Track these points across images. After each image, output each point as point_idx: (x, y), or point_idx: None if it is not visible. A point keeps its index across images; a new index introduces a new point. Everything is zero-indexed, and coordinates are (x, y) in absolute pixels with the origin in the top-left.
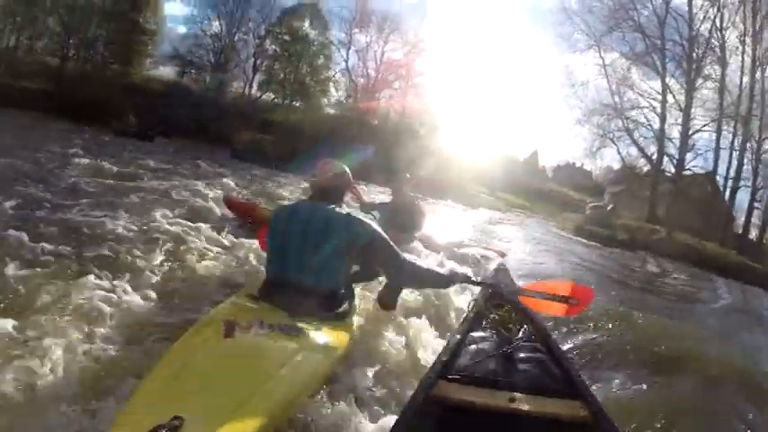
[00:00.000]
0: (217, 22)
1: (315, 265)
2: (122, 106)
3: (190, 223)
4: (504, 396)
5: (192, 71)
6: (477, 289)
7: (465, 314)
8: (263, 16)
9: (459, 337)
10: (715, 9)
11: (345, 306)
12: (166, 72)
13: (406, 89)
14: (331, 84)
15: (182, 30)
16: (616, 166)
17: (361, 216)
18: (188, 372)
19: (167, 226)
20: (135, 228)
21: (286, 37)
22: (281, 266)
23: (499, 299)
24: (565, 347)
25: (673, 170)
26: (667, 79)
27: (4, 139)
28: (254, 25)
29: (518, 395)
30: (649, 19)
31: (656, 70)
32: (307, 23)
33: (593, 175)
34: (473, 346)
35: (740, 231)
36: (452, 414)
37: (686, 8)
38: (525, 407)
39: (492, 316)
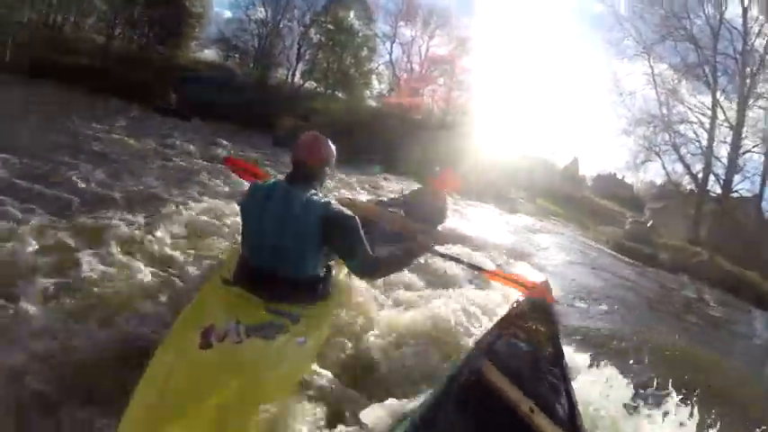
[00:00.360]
0: (262, 8)
1: (291, 254)
2: (164, 86)
3: (202, 197)
4: (528, 403)
5: (236, 56)
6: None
7: (509, 309)
8: (308, 4)
9: (500, 328)
10: None
11: (323, 290)
12: (210, 55)
13: (450, 85)
14: (374, 76)
15: (227, 14)
16: (658, 181)
17: (341, 207)
18: (168, 393)
19: (179, 198)
20: (142, 196)
21: (331, 26)
22: (256, 253)
23: (539, 311)
24: (590, 367)
25: (719, 191)
26: (718, 95)
27: (46, 110)
28: (300, 13)
29: (536, 409)
30: (702, 30)
31: (707, 84)
32: (352, 14)
33: (634, 188)
34: (512, 341)
35: None
36: (487, 395)
37: (740, 20)
38: (541, 425)
39: (530, 324)
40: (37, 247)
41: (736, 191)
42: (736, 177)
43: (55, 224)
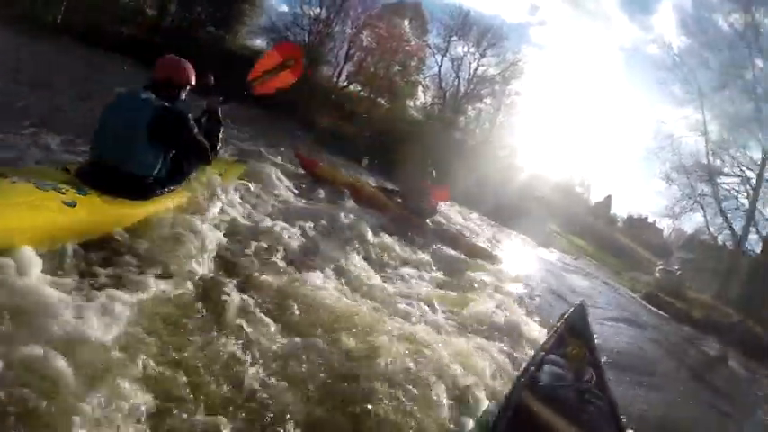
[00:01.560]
0: (318, 6)
1: (127, 149)
2: (204, 66)
3: None
4: None
5: None
6: None
7: (548, 334)
8: (364, 7)
9: (543, 354)
10: None
11: (153, 192)
12: (260, 45)
13: (496, 107)
14: (420, 87)
15: (283, 8)
16: (689, 230)
17: (175, 107)
18: None
19: None
20: None
21: (383, 33)
22: (99, 149)
23: (577, 334)
24: None
25: (758, 250)
26: None
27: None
28: (354, 14)
29: None
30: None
31: (759, 140)
32: (406, 22)
33: (664, 234)
34: (553, 369)
35: None
36: (531, 426)
37: None
38: None
39: (570, 348)
40: None
41: None
42: None
43: None
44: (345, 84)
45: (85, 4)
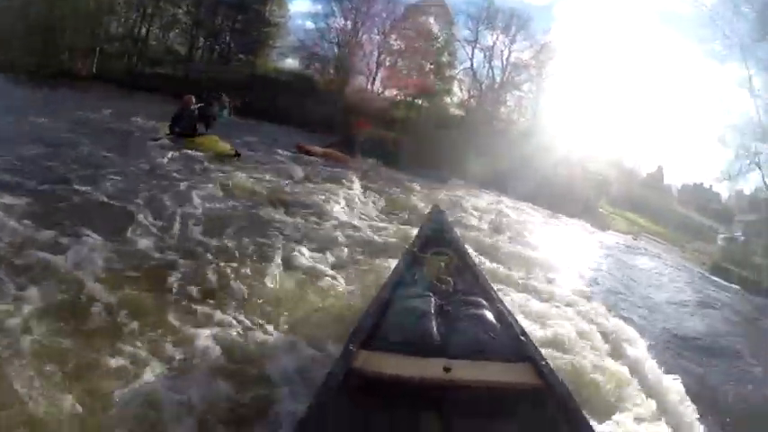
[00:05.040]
0: (342, 18)
1: None
2: (241, 92)
3: None
4: (439, 364)
5: (317, 63)
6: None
7: (394, 266)
8: (387, 12)
9: (384, 296)
10: None
11: None
12: (291, 64)
13: (535, 92)
14: (455, 82)
15: (309, 24)
16: (747, 191)
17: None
18: None
19: None
20: None
21: (410, 32)
22: None
23: (435, 245)
24: None
25: None
26: None
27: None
28: (380, 20)
29: (455, 362)
30: None
31: None
32: (432, 19)
33: (722, 198)
34: (402, 305)
35: None
36: (377, 389)
37: None
38: (463, 375)
39: (425, 268)
40: None
41: None
42: None
43: None
44: (381, 90)
45: (116, 53)
